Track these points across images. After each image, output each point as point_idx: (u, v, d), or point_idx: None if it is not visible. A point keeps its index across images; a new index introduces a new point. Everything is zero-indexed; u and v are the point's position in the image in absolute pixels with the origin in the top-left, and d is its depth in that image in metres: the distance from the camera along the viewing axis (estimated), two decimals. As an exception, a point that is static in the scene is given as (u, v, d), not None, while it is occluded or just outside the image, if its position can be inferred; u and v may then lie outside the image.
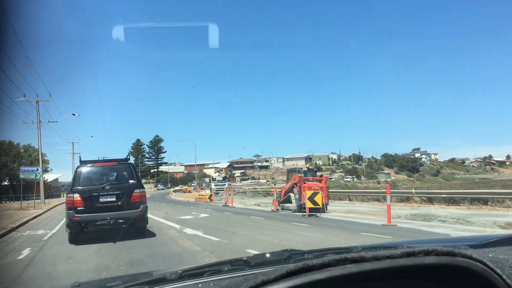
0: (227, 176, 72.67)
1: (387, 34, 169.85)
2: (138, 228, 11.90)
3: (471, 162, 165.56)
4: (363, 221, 15.20)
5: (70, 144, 64.08)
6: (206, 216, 19.02)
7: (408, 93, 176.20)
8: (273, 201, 22.71)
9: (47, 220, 20.40)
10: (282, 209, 22.21)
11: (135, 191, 11.42)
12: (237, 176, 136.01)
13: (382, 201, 27.07)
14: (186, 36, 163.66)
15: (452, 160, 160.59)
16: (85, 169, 11.58)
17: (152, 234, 12.40)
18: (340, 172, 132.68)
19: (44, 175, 58.60)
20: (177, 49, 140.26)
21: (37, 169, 29.25)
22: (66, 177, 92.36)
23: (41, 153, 39.88)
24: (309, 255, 1.71)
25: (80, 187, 11.20)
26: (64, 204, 12.90)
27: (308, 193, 18.06)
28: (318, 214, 17.95)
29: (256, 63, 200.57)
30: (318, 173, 30.66)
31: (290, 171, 25.14)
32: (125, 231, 11.79)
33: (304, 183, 20.61)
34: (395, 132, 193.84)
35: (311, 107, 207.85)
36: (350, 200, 29.63)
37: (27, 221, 19.33)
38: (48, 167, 60.61)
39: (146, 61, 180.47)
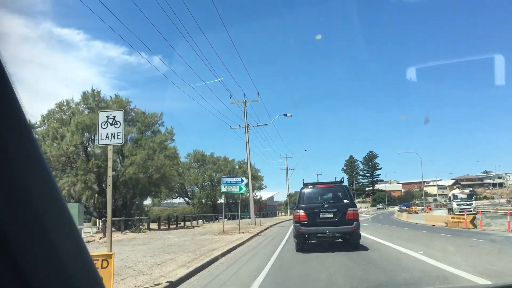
0: (473, 193, 56.47)
1: None
2: (352, 244, 12.81)
3: None
4: None
5: (283, 159, 60.04)
6: None
7: None
8: None
9: (247, 257, 12.43)
10: None
11: (349, 209, 12.65)
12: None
13: None
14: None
15: None
16: (307, 190, 13.44)
17: None
18: None
19: (258, 193, 55.10)
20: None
21: (242, 180, 22.22)
22: (280, 195, 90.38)
23: (250, 164, 33.79)
24: None
25: (304, 205, 12.93)
26: (278, 225, 17.40)
27: None
28: None
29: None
30: None
31: None
32: None
33: None
34: None
35: None
36: None
37: (215, 259, 11.64)
38: (262, 183, 57.09)
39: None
